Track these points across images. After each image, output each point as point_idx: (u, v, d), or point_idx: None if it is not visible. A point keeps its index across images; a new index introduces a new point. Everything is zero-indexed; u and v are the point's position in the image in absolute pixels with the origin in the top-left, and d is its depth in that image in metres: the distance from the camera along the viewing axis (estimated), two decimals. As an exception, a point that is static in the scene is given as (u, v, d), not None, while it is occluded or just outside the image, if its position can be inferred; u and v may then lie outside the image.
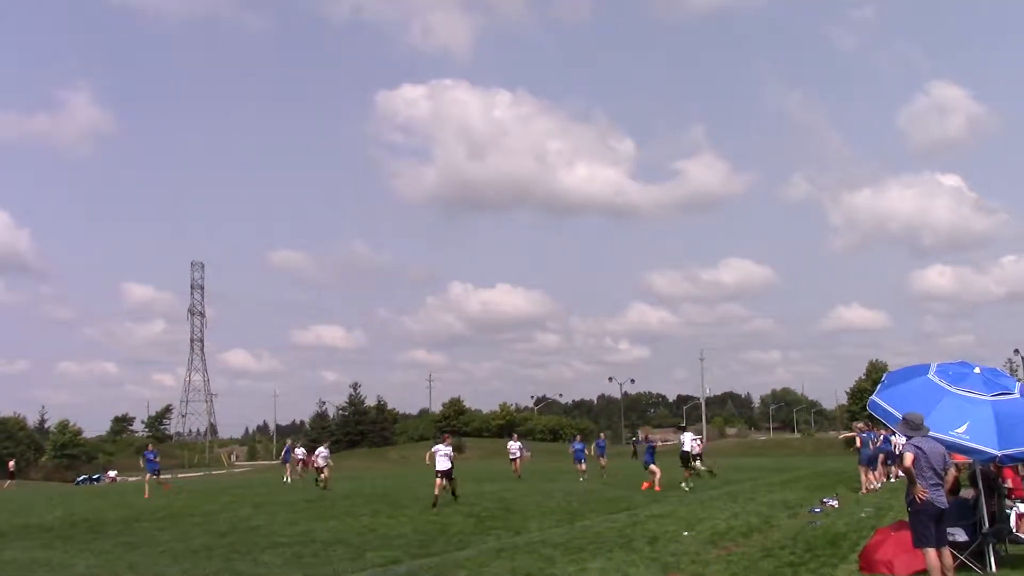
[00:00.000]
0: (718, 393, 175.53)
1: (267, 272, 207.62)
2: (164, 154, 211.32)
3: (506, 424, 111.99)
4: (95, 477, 69.85)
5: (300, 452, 39.88)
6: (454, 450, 22.38)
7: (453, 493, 21.44)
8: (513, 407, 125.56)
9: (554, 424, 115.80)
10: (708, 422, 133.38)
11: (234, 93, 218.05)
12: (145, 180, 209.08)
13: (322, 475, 30.38)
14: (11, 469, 54.42)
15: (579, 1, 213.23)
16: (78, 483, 64.05)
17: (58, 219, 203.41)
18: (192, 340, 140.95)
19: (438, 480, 20.73)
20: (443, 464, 20.99)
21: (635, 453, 28.94)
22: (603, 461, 34.07)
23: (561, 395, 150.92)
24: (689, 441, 25.75)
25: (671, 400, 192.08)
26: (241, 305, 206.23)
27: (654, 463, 25.14)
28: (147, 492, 29.19)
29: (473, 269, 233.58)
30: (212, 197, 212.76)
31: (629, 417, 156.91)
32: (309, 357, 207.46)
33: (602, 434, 39.32)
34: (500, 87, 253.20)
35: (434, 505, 20.02)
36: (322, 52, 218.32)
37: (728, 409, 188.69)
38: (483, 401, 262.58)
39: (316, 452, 32.01)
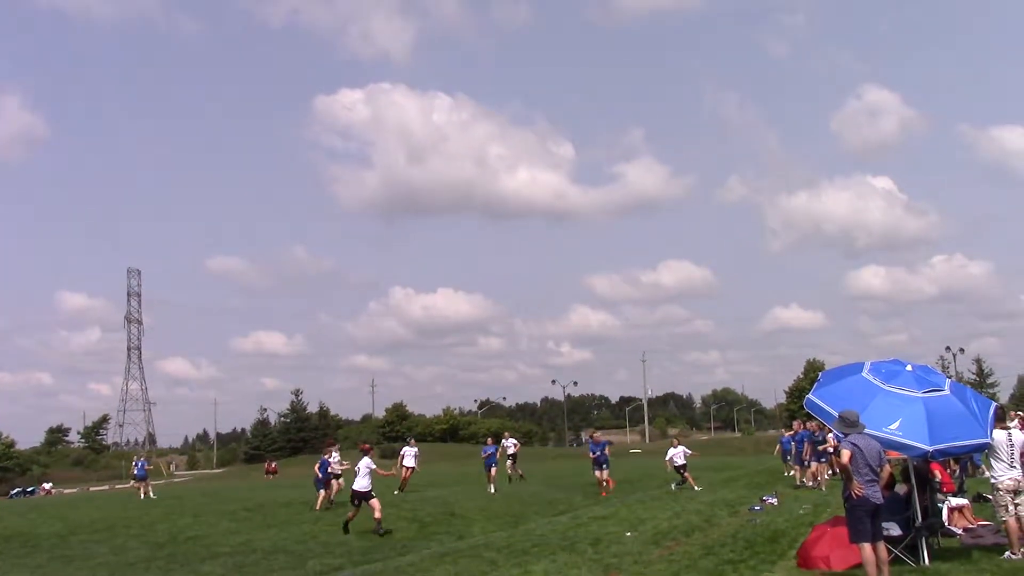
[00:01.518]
0: (660, 394, 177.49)
1: (206, 279, 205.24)
2: (98, 159, 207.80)
3: (449, 428, 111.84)
4: (29, 490, 68.29)
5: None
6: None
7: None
8: (456, 411, 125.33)
9: (497, 427, 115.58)
10: (650, 423, 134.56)
11: (170, 97, 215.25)
12: (79, 185, 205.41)
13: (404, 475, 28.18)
14: None
15: (516, 5, 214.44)
16: (12, 496, 62.55)
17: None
18: (129, 348, 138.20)
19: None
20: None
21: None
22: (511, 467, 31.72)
23: (505, 398, 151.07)
24: (682, 456, 25.68)
25: (614, 401, 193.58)
26: (180, 312, 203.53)
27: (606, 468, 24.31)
28: (142, 495, 31.85)
29: (415, 274, 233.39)
30: (148, 203, 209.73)
31: (572, 419, 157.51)
32: (249, 364, 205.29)
33: (506, 433, 36.89)
34: (439, 91, 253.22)
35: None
36: (259, 56, 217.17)
37: (670, 409, 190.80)
38: (426, 406, 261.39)
39: (402, 452, 29.96)
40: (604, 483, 24.01)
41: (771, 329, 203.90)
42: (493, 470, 26.75)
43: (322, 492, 22.28)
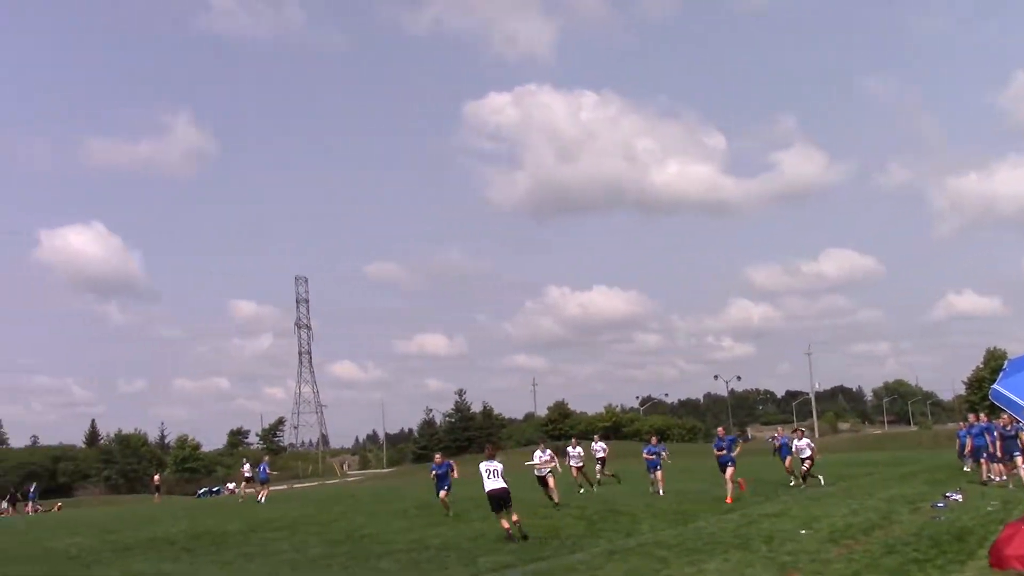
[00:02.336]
0: (827, 387, 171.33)
1: (368, 284, 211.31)
2: (263, 172, 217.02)
3: (612, 426, 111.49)
4: (215, 490, 72.00)
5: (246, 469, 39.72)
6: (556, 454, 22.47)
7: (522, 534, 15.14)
8: (618, 408, 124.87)
9: (661, 424, 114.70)
10: (819, 417, 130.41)
11: (326, 111, 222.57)
12: (246, 198, 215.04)
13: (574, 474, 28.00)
14: (157, 483, 57.13)
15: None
16: (199, 496, 66.09)
17: (165, 241, 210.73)
18: (300, 353, 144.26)
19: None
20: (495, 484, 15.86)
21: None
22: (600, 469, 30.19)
23: (667, 395, 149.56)
24: (807, 448, 24.78)
25: (779, 396, 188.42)
26: (345, 317, 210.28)
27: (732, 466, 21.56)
28: (261, 498, 32.00)
29: (569, 272, 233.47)
30: (311, 213, 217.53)
31: (737, 414, 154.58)
32: (413, 366, 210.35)
33: (595, 436, 35.01)
34: (585, 88, 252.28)
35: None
36: (407, 66, 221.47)
37: (839, 403, 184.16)
38: (587, 403, 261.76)
39: (592, 448, 30.63)
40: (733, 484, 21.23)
41: (943, 317, 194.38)
42: (658, 472, 24.85)
43: None
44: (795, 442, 25.42)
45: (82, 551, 18.89)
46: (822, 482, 24.05)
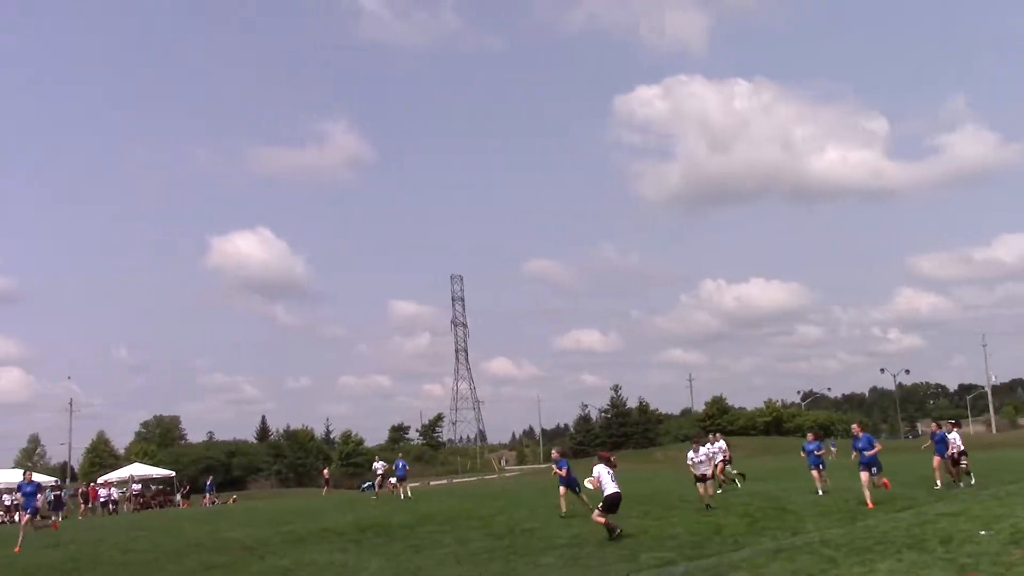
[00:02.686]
0: (1006, 380, 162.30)
1: (523, 281, 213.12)
2: (419, 175, 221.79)
3: (772, 421, 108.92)
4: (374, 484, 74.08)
5: (379, 466, 39.30)
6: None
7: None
8: (779, 403, 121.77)
9: (824, 419, 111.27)
10: (997, 411, 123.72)
11: (479, 112, 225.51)
12: (404, 201, 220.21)
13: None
14: (326, 477, 59.61)
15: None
16: (363, 489, 68.17)
17: (328, 244, 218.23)
18: (456, 350, 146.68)
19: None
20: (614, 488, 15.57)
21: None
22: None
23: (829, 389, 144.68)
24: (959, 441, 23.42)
25: (952, 390, 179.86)
26: (500, 315, 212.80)
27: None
28: (401, 495, 32.69)
29: (725, 264, 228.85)
30: (467, 213, 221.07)
31: (906, 409, 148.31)
32: (569, 362, 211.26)
33: (713, 434, 31.38)
34: (738, 77, 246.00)
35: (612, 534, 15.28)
36: (558, 64, 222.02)
37: (1019, 397, 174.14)
38: (746, 398, 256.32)
39: (710, 449, 29.17)
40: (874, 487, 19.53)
41: None
42: (818, 470, 23.12)
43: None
44: (950, 435, 23.47)
45: (257, 542, 19.81)
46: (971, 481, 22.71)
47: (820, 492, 22.41)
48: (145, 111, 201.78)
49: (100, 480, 60.92)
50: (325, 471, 62.48)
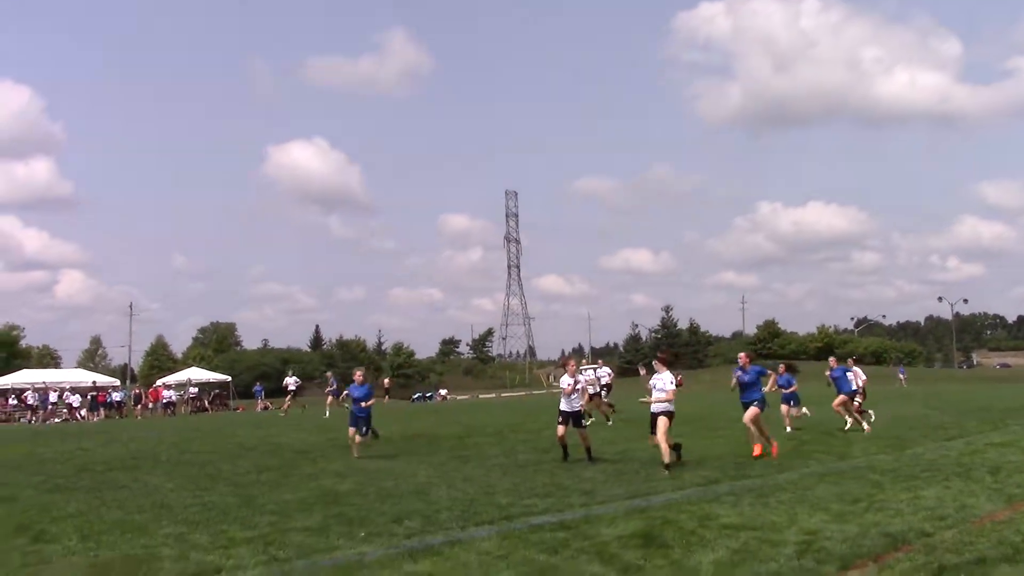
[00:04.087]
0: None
1: (576, 199, 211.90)
2: (477, 89, 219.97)
3: (824, 347, 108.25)
4: (428, 395, 75.35)
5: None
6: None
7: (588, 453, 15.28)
8: (831, 329, 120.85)
9: (876, 347, 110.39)
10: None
11: (536, 27, 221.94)
12: (459, 115, 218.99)
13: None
14: (387, 387, 60.90)
15: None
16: (413, 401, 69.39)
17: (383, 156, 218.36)
18: (509, 266, 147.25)
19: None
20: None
21: None
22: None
23: (884, 316, 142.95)
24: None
25: (1010, 321, 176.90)
26: (552, 232, 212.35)
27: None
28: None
29: (783, 187, 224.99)
30: (522, 129, 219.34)
31: (962, 339, 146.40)
32: (619, 281, 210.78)
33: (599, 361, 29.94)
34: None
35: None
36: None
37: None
38: (799, 323, 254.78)
39: (596, 374, 27.74)
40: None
41: None
42: (789, 405, 21.17)
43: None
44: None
45: (308, 447, 20.33)
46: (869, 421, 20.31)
47: (788, 430, 19.94)
48: (204, 22, 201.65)
49: (158, 383, 62.64)
50: (387, 381, 63.70)
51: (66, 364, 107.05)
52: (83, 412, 52.66)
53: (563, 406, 15.47)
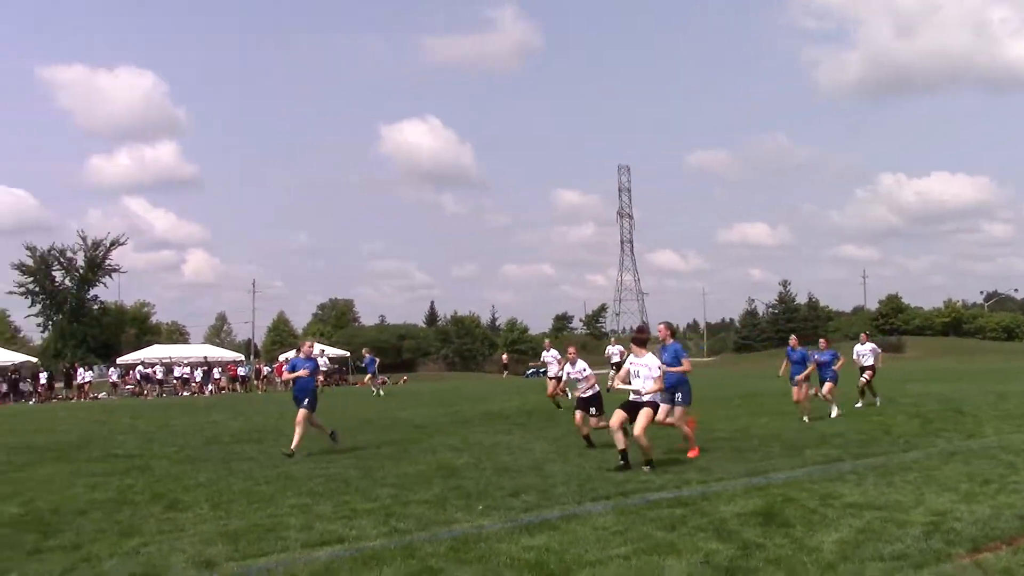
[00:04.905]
0: None
1: (689, 172, 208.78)
2: (586, 64, 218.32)
3: (951, 322, 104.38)
4: (543, 371, 75.65)
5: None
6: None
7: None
8: (959, 303, 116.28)
9: (1008, 322, 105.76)
10: None
11: (653, 3, 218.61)
12: (570, 91, 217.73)
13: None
14: (505, 362, 61.87)
15: None
16: (527, 376, 69.71)
17: (494, 133, 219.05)
18: (622, 241, 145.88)
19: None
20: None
21: None
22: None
23: (1016, 290, 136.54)
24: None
25: None
26: (665, 206, 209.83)
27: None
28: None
29: (905, 157, 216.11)
30: (634, 103, 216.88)
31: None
32: (735, 255, 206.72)
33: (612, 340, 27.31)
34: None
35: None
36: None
37: None
38: (924, 298, 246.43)
39: (608, 351, 25.32)
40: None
41: None
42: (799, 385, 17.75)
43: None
44: (856, 347, 21.49)
45: (426, 421, 20.67)
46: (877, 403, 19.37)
47: (805, 419, 17.32)
48: (319, 4, 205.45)
49: (281, 358, 64.59)
50: (504, 356, 64.56)
51: (193, 340, 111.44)
52: (210, 386, 54.79)
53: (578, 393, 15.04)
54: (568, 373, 15.76)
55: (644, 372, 11.83)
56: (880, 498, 8.85)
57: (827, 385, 18.36)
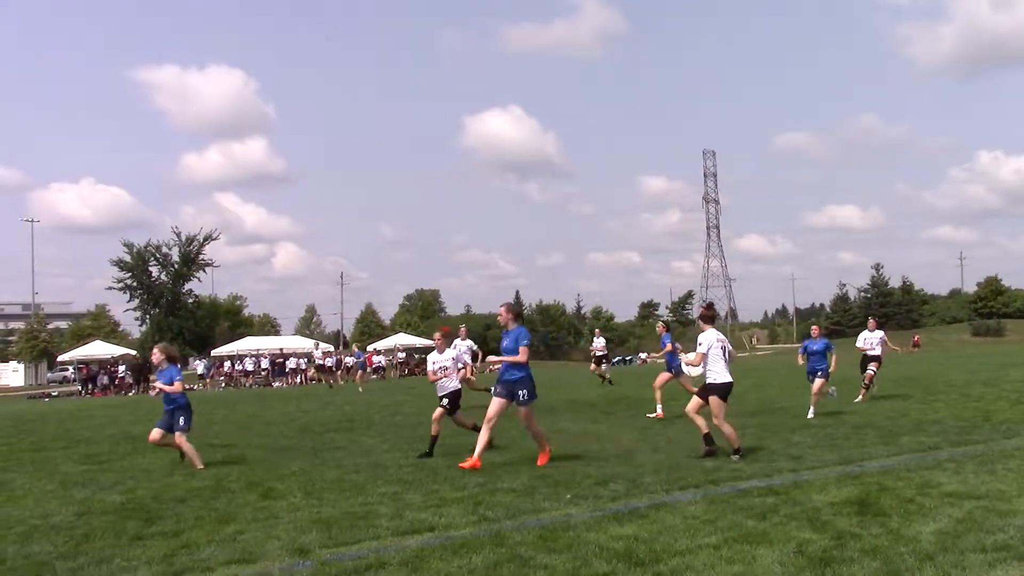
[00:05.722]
0: None
1: (776, 155, 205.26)
2: (670, 49, 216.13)
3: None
4: (628, 359, 75.33)
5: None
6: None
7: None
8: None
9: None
10: None
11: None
12: (654, 76, 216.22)
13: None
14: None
15: None
16: (614, 364, 69.52)
17: (578, 121, 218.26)
18: (708, 227, 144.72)
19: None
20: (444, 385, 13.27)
21: None
22: None
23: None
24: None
25: None
26: (753, 191, 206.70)
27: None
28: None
29: (1004, 134, 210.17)
30: (719, 86, 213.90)
31: None
32: (825, 239, 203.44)
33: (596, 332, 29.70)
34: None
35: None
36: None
37: None
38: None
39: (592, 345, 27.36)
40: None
41: None
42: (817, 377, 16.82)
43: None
44: (863, 334, 19.50)
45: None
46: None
47: (810, 415, 16.14)
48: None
49: (370, 348, 65.54)
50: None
51: (284, 331, 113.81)
52: (300, 377, 55.85)
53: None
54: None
55: (700, 349, 11.43)
56: (981, 487, 8.59)
57: (818, 382, 16.50)
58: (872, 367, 19.11)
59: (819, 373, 16.56)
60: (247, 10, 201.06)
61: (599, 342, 30.22)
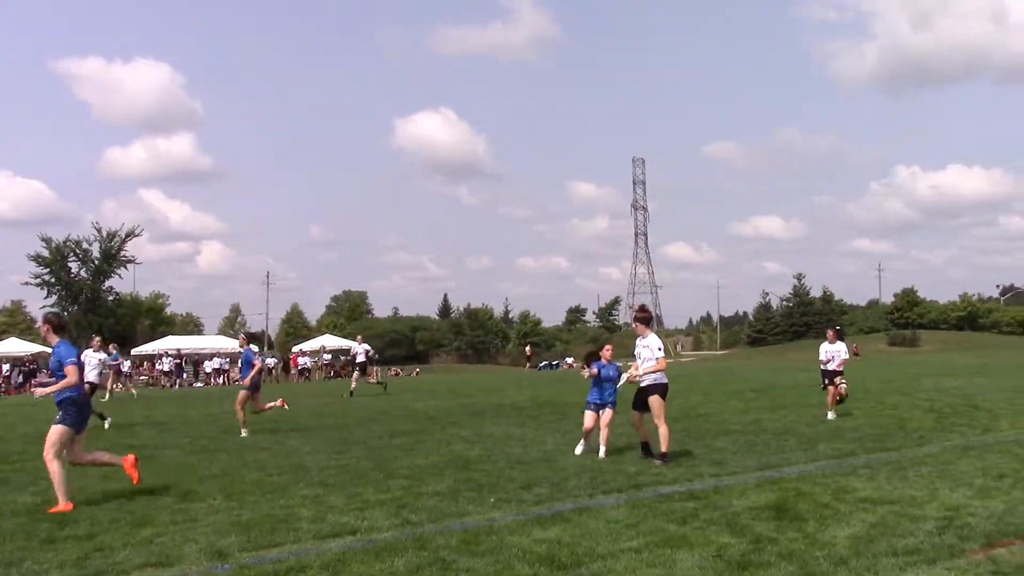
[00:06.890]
0: None
1: (703, 164, 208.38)
2: (602, 56, 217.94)
3: (967, 316, 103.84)
4: (555, 363, 75.63)
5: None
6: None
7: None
8: (975, 297, 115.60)
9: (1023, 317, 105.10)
10: None
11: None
12: (585, 83, 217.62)
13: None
14: (529, 354, 61.99)
15: None
16: (540, 369, 69.72)
17: (509, 125, 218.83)
18: (636, 234, 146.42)
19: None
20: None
21: None
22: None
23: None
24: None
25: None
26: (680, 199, 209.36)
27: None
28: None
29: (921, 150, 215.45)
30: (649, 95, 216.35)
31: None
32: (749, 248, 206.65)
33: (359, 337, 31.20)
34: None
35: None
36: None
37: None
38: (940, 291, 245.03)
39: (353, 350, 28.52)
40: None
41: None
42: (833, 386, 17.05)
43: None
44: (823, 346, 17.66)
45: (440, 412, 20.69)
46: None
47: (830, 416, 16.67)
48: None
49: (295, 349, 64.78)
50: (528, 348, 64.76)
51: (207, 331, 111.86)
52: (220, 377, 55.01)
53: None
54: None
55: (646, 353, 11.62)
56: (893, 493, 8.81)
57: (842, 386, 16.86)
58: (839, 380, 17.18)
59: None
60: (176, 3, 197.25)
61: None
